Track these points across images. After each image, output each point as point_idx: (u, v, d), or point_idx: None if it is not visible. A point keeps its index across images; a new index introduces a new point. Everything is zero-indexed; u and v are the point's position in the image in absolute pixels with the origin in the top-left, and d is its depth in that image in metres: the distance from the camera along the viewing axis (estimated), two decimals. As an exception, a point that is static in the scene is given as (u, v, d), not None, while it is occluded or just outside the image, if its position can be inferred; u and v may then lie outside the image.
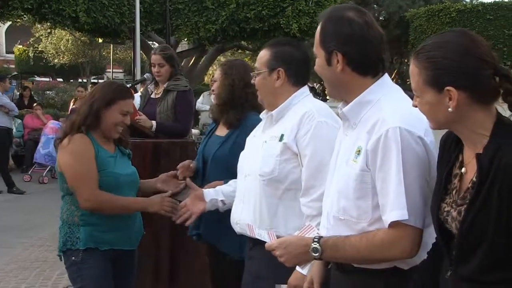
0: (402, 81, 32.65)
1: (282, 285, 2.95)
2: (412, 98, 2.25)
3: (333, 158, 2.68)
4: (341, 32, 2.50)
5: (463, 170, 2.14)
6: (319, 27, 2.57)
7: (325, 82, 2.62)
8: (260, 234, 3.08)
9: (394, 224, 2.31)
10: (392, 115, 2.38)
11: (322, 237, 2.50)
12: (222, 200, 3.63)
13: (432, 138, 2.42)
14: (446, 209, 2.15)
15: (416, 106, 2.19)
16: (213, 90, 4.21)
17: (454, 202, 2.13)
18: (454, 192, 2.15)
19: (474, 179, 2.03)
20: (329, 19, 2.55)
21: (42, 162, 13.26)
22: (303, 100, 3.22)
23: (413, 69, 2.15)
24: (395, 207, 2.29)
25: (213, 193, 3.66)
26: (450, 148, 2.22)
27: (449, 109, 2.05)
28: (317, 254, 2.46)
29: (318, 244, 2.45)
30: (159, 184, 4.00)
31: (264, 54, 3.30)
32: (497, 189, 1.93)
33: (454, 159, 2.19)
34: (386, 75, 2.60)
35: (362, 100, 2.52)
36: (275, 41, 3.45)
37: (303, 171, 3.07)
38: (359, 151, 2.43)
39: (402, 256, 2.35)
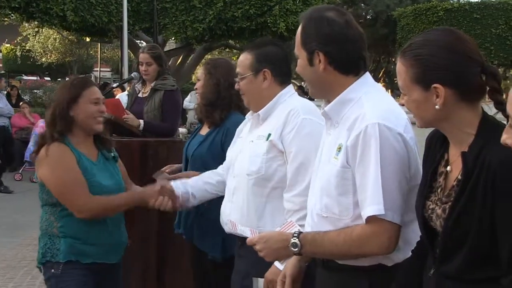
0: (390, 80, 32.81)
1: (259, 279, 2.95)
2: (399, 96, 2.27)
3: (317, 157, 2.71)
4: (322, 32, 2.52)
5: (448, 168, 2.15)
6: (299, 29, 2.59)
7: (308, 83, 2.65)
8: (243, 230, 3.09)
9: (371, 219, 2.33)
10: (372, 111, 2.40)
11: (301, 232, 2.53)
12: (192, 193, 3.61)
13: (412, 135, 2.44)
14: (430, 206, 2.17)
15: (403, 105, 2.21)
16: (196, 89, 4.19)
17: (439, 200, 2.14)
18: (439, 190, 2.16)
19: (459, 177, 2.05)
20: (310, 20, 2.57)
21: (30, 160, 13.22)
22: (288, 99, 3.23)
23: (400, 68, 2.15)
24: (372, 202, 2.31)
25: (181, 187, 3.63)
26: (436, 146, 2.24)
27: (436, 107, 2.06)
28: (296, 249, 2.48)
29: (297, 239, 2.47)
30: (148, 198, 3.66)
31: (245, 58, 3.29)
32: (481, 187, 1.94)
33: (439, 158, 2.20)
34: (368, 73, 2.61)
35: (343, 98, 2.53)
36: (254, 44, 3.45)
37: (288, 167, 3.08)
38: (340, 148, 2.45)
39: (379, 252, 2.37)
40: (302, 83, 25.76)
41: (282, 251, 2.58)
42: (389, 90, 31.44)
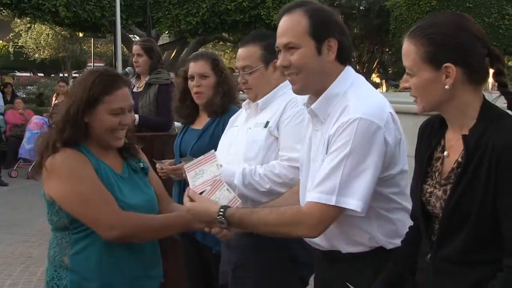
0: (384, 70, 32.88)
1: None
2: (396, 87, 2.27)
3: (305, 155, 2.70)
4: (335, 21, 2.54)
5: (445, 153, 2.16)
6: (299, 17, 2.51)
7: (306, 73, 2.52)
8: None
9: (313, 204, 2.34)
10: (356, 105, 2.39)
11: (227, 208, 2.51)
12: None
13: (394, 127, 2.42)
14: (428, 190, 2.17)
15: (406, 88, 2.18)
16: (199, 87, 3.88)
17: (437, 183, 2.14)
18: (436, 174, 2.17)
19: (460, 159, 2.06)
20: (315, 10, 2.53)
21: (27, 157, 13.19)
22: (288, 91, 3.21)
23: (409, 48, 2.13)
24: (322, 190, 2.32)
25: None
26: (430, 133, 2.24)
27: (446, 87, 2.05)
28: (223, 225, 2.51)
29: (223, 218, 2.47)
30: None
31: (253, 51, 3.25)
32: (485, 168, 1.95)
33: (435, 144, 2.21)
34: (348, 68, 2.59)
35: (328, 94, 2.52)
36: (255, 37, 3.39)
37: (281, 145, 3.11)
38: (324, 143, 2.45)
39: (306, 234, 2.41)
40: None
41: (210, 224, 2.62)
42: (383, 80, 31.59)
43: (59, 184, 2.57)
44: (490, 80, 2.15)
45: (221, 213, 2.48)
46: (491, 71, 2.12)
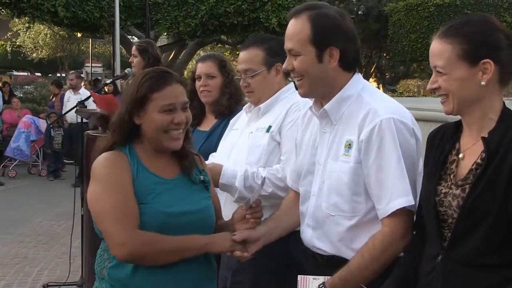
0: (382, 74, 32.92)
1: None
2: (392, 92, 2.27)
3: (306, 160, 2.69)
4: (340, 28, 2.51)
5: (460, 155, 2.16)
6: (302, 23, 2.50)
7: (309, 79, 2.53)
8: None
9: (393, 213, 2.35)
10: (382, 107, 2.42)
11: (325, 283, 2.46)
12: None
13: (418, 128, 2.48)
14: (443, 191, 2.16)
15: (434, 89, 2.18)
16: (206, 86, 3.86)
17: (453, 184, 2.14)
18: (451, 176, 2.17)
19: (479, 161, 2.06)
20: (319, 16, 2.51)
21: (11, 156, 13.18)
22: (290, 95, 3.21)
23: (442, 46, 2.12)
24: (400, 194, 2.34)
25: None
26: (442, 140, 2.25)
27: (482, 83, 2.07)
28: None
29: None
30: (237, 225, 2.68)
31: (255, 54, 3.23)
32: (507, 169, 1.97)
33: (449, 148, 2.21)
34: (358, 73, 2.62)
35: (342, 96, 2.53)
36: (259, 39, 3.39)
37: (283, 149, 3.11)
38: (349, 144, 2.46)
39: (404, 244, 2.37)
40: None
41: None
42: (380, 85, 31.61)
43: (91, 188, 2.45)
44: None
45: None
46: None
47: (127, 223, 2.34)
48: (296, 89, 2.62)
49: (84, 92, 12.15)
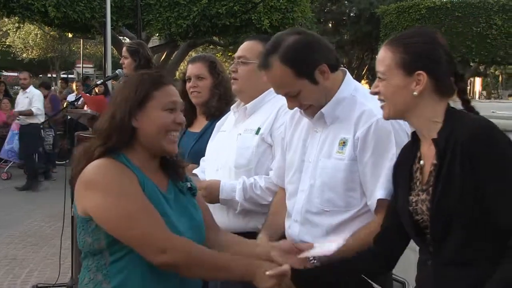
0: (373, 76, 32.90)
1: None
2: None
3: (295, 157, 2.74)
4: (312, 45, 2.59)
5: (421, 162, 2.24)
6: (281, 68, 2.55)
7: (317, 102, 2.62)
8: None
9: (379, 203, 2.47)
10: (377, 107, 2.45)
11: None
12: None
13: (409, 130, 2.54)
14: (414, 200, 2.22)
15: (375, 93, 2.26)
16: (196, 87, 3.87)
17: (420, 190, 2.21)
18: (417, 183, 2.24)
19: (434, 161, 2.14)
20: (290, 50, 2.56)
21: (5, 157, 13.17)
22: (277, 97, 3.21)
23: (385, 54, 2.22)
24: (382, 187, 2.45)
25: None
26: (406, 152, 2.34)
27: (414, 93, 2.16)
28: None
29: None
30: (279, 255, 2.44)
31: (256, 47, 3.23)
32: (458, 163, 2.04)
33: (413, 158, 2.28)
34: (348, 73, 2.71)
35: (337, 99, 2.61)
36: (265, 38, 3.39)
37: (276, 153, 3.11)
38: (344, 142, 2.53)
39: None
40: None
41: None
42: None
43: (100, 198, 2.12)
44: (478, 88, 2.27)
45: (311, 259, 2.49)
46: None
47: (162, 227, 2.13)
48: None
49: (31, 91, 12.24)
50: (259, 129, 3.14)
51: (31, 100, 11.98)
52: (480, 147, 2.02)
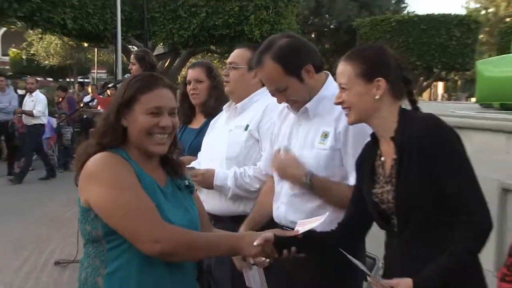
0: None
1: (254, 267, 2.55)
2: None
3: (277, 144, 2.80)
4: (300, 48, 2.61)
5: (382, 159, 2.25)
6: (273, 66, 2.58)
7: (302, 99, 2.65)
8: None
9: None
10: None
11: (314, 174, 2.57)
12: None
13: None
14: (378, 192, 2.24)
15: (340, 103, 2.27)
16: (195, 90, 3.84)
17: (384, 183, 2.22)
18: (380, 177, 2.24)
19: (394, 156, 2.15)
20: (282, 49, 2.59)
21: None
22: (263, 97, 3.24)
23: (344, 67, 2.25)
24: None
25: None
26: (367, 151, 2.34)
27: (376, 97, 2.18)
28: (307, 185, 2.57)
29: (310, 180, 2.56)
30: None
31: (245, 54, 3.24)
32: (415, 157, 2.06)
33: (374, 156, 2.29)
34: (330, 74, 2.72)
35: (320, 96, 2.63)
36: (252, 44, 3.42)
37: (263, 147, 3.12)
38: (325, 135, 2.55)
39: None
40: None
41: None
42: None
43: (100, 190, 2.00)
44: (440, 91, 2.27)
45: (309, 177, 2.55)
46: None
47: (157, 218, 1.99)
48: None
49: (37, 94, 12.01)
50: (247, 125, 3.15)
51: (35, 103, 11.76)
52: (432, 141, 2.05)
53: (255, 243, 2.10)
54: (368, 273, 2.10)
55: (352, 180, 2.47)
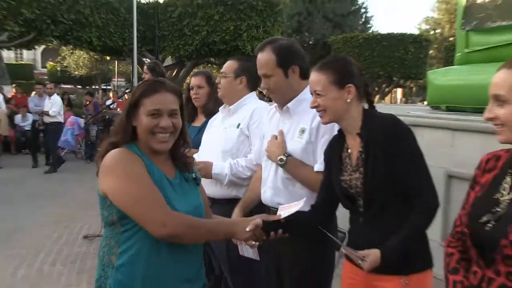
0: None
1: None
2: None
3: (264, 139, 2.78)
4: (295, 51, 2.59)
5: (349, 151, 2.24)
6: (269, 54, 2.57)
7: (282, 93, 2.61)
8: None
9: (318, 172, 2.46)
10: None
11: (290, 155, 2.56)
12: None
13: None
14: (347, 178, 2.22)
15: (315, 107, 2.24)
16: (197, 94, 3.83)
17: (352, 171, 2.20)
18: (348, 167, 2.23)
19: (360, 149, 2.16)
20: (280, 46, 2.58)
21: (62, 146, 13.10)
22: (252, 101, 3.24)
23: (318, 76, 2.22)
24: (320, 161, 2.44)
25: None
26: (335, 147, 2.31)
27: (348, 100, 2.17)
28: (282, 163, 2.55)
29: (285, 157, 2.55)
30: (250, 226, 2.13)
31: (232, 64, 3.25)
32: (379, 149, 2.07)
33: (341, 149, 2.28)
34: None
35: (299, 98, 2.60)
36: (240, 57, 3.41)
37: (252, 142, 3.12)
38: (303, 130, 2.53)
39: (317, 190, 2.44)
40: (264, 91, 25.71)
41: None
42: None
43: (114, 180, 1.92)
44: (399, 96, 2.26)
45: (286, 156, 2.54)
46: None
47: (162, 205, 1.90)
48: (262, 97, 2.66)
49: (54, 97, 11.63)
50: (239, 124, 3.14)
51: (52, 104, 11.49)
52: (392, 137, 2.06)
53: (247, 229, 2.04)
54: (342, 245, 2.10)
55: (317, 166, 2.47)
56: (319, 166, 2.46)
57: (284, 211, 2.21)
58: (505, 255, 1.53)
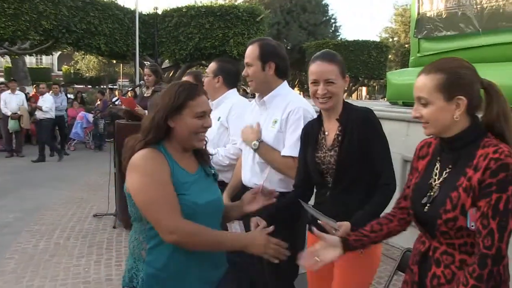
0: (302, 85, 33.03)
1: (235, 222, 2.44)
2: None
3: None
4: (275, 51, 2.55)
5: (326, 133, 2.21)
6: (255, 48, 2.54)
7: (256, 82, 2.57)
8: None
9: (287, 156, 2.43)
10: (297, 101, 2.50)
11: (262, 141, 2.51)
12: None
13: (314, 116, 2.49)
14: (321, 155, 2.19)
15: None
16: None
17: (327, 150, 2.18)
18: (323, 146, 2.20)
19: (338, 132, 2.14)
20: (266, 43, 2.55)
21: (72, 137, 12.99)
22: (232, 97, 3.20)
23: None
24: (291, 147, 2.42)
25: None
26: (313, 128, 2.27)
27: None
28: (255, 147, 2.51)
29: (258, 142, 2.51)
30: (246, 207, 2.12)
31: (213, 65, 3.23)
32: (354, 133, 2.08)
33: (318, 131, 2.25)
34: (285, 81, 2.64)
35: (275, 93, 2.56)
36: (221, 59, 3.37)
37: (230, 133, 3.07)
38: (275, 121, 2.49)
39: (290, 174, 2.40)
40: (247, 88, 25.67)
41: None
42: (302, 92, 31.80)
43: (136, 180, 1.76)
44: (364, 93, 2.24)
45: (258, 141, 2.50)
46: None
47: (174, 213, 1.73)
48: (243, 92, 2.62)
49: (46, 96, 11.12)
50: (219, 117, 3.09)
51: (44, 102, 11.10)
52: (366, 124, 2.07)
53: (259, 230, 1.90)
54: (320, 217, 2.05)
55: (285, 151, 2.44)
56: (286, 151, 2.44)
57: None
58: (442, 231, 1.58)
